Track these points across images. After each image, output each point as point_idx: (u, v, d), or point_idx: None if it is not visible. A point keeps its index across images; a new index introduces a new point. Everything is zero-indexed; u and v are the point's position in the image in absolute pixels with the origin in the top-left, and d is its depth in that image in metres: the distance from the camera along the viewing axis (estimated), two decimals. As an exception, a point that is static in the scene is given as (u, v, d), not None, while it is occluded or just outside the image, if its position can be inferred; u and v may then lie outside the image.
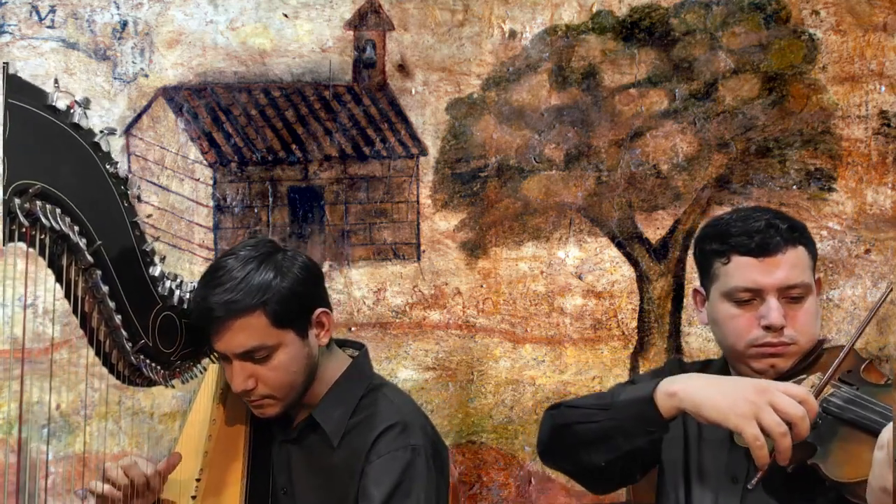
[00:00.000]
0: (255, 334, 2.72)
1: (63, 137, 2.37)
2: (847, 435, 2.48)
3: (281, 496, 2.89)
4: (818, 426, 2.51)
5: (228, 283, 2.70)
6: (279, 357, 2.75)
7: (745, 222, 2.71)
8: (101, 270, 2.49)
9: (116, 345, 2.60)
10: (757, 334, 2.67)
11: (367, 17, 3.82)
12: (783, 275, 2.66)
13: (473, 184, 3.81)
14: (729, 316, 2.71)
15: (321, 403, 2.86)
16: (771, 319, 2.64)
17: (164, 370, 2.75)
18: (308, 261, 2.84)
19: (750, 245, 2.67)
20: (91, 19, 3.79)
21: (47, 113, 2.33)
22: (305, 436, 2.88)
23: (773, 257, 2.66)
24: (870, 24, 3.74)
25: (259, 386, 2.77)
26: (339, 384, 2.89)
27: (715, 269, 2.74)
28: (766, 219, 2.70)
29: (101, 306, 2.53)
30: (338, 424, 2.84)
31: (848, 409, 2.51)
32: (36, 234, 2.31)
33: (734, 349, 2.73)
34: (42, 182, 2.29)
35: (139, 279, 2.62)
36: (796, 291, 2.68)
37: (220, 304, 2.69)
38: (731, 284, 2.69)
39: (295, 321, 2.76)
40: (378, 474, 2.76)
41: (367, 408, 2.87)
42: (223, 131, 3.80)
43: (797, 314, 2.68)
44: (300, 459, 2.89)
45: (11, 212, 2.23)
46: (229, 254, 2.79)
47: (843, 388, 2.57)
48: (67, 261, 2.42)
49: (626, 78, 3.80)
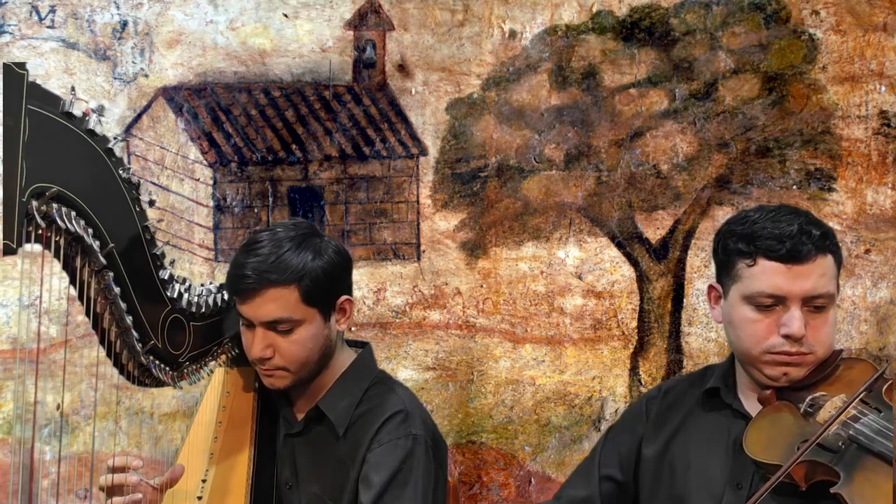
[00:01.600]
0: (284, 306, 2.78)
1: (78, 143, 2.40)
2: (873, 466, 2.42)
3: (285, 491, 2.92)
4: (841, 451, 2.46)
5: (269, 254, 2.78)
6: (301, 332, 2.81)
7: (775, 224, 2.60)
8: (113, 272, 2.51)
9: (127, 345, 2.62)
10: (775, 342, 2.59)
11: (367, 17, 3.82)
12: (810, 284, 2.57)
13: (473, 184, 3.82)
14: (748, 320, 2.63)
15: (327, 394, 2.91)
16: (793, 329, 2.57)
17: (172, 371, 2.78)
18: (342, 248, 2.91)
19: (780, 250, 2.57)
20: (91, 19, 3.78)
21: (64, 119, 2.35)
22: (311, 428, 2.92)
23: (802, 265, 2.57)
24: (870, 24, 3.75)
25: (276, 357, 2.82)
26: (345, 376, 2.94)
27: (738, 269, 2.64)
28: (798, 223, 2.60)
29: (112, 307, 2.55)
30: (343, 414, 2.88)
31: (877, 440, 2.44)
32: (51, 236, 2.34)
33: (749, 353, 2.65)
34: (58, 185, 2.31)
35: (150, 281, 2.64)
36: (820, 301, 2.59)
37: (257, 272, 2.76)
38: (755, 288, 2.60)
39: (323, 302, 2.83)
40: (378, 461, 2.81)
41: (371, 400, 2.92)
42: (223, 131, 3.80)
43: (818, 324, 2.60)
44: (305, 452, 2.92)
45: (29, 214, 2.25)
46: (268, 229, 2.86)
47: (869, 416, 2.49)
48: (81, 262, 2.44)
49: (626, 78, 3.81)
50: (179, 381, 2.83)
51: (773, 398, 2.63)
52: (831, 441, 2.49)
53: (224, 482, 2.85)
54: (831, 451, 2.48)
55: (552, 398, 3.80)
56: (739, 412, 2.71)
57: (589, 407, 3.81)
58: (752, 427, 2.61)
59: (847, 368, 2.62)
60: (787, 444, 2.52)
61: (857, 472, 2.43)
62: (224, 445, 2.91)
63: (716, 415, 2.76)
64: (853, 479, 2.42)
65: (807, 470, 2.49)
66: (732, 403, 2.73)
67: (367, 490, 2.79)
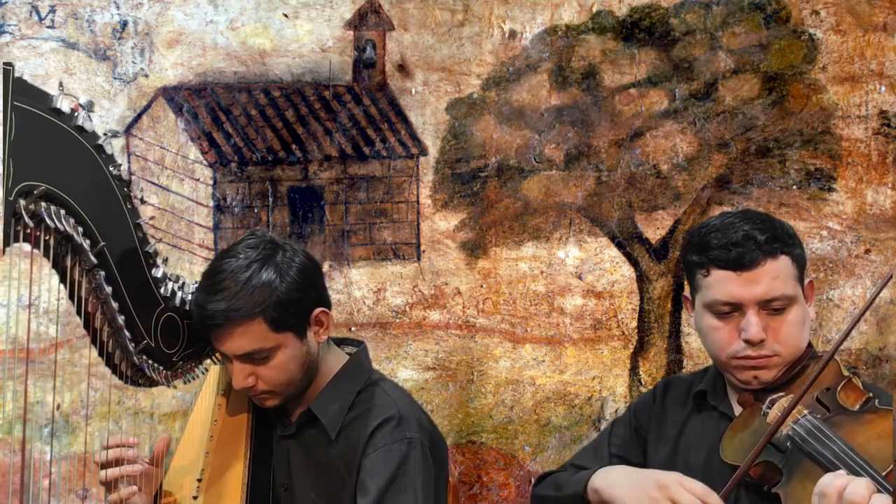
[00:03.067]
0: (254, 339, 2.75)
1: (67, 140, 2.37)
2: (807, 469, 2.45)
3: (281, 493, 2.92)
4: (787, 451, 2.50)
5: (227, 289, 2.72)
6: (278, 357, 2.79)
7: (724, 233, 2.65)
8: (104, 271, 2.49)
9: (119, 345, 2.61)
10: (737, 347, 2.65)
11: (367, 17, 3.82)
12: (762, 289, 2.62)
13: (473, 184, 3.81)
14: (711, 327, 2.69)
15: (318, 398, 2.90)
16: (750, 334, 2.62)
17: (166, 370, 2.77)
18: (307, 260, 2.85)
19: (728, 258, 2.63)
20: (91, 19, 3.78)
21: (52, 115, 2.32)
22: (303, 430, 2.91)
23: (751, 271, 2.61)
24: (870, 24, 3.74)
25: (259, 383, 2.80)
26: (336, 379, 2.92)
27: (697, 279, 2.71)
28: (745, 230, 2.64)
29: (104, 307, 2.53)
30: (335, 418, 2.87)
31: (808, 441, 2.48)
32: (40, 235, 2.31)
33: (718, 359, 2.73)
34: (46, 183, 2.29)
35: (142, 280, 2.63)
36: (777, 303, 2.63)
37: (219, 311, 2.71)
38: (711, 297, 2.67)
39: (293, 324, 2.79)
40: (374, 467, 2.80)
41: (364, 402, 2.91)
42: (223, 131, 3.80)
43: (779, 326, 2.64)
44: (299, 455, 2.92)
45: (16, 213, 2.22)
46: (228, 255, 2.80)
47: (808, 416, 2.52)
48: (71, 261, 2.42)
49: (626, 78, 3.80)
50: (173, 380, 2.82)
51: (750, 400, 2.68)
52: (781, 441, 2.53)
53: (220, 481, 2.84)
54: (781, 452, 2.51)
55: (552, 398, 3.80)
56: (726, 414, 2.77)
57: (589, 407, 3.80)
58: (728, 430, 2.67)
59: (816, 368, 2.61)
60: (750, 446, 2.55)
61: (796, 473, 2.47)
62: (220, 444, 2.90)
63: (706, 416, 2.82)
64: (791, 480, 2.47)
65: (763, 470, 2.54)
66: (719, 406, 2.79)
67: (363, 497, 2.78)
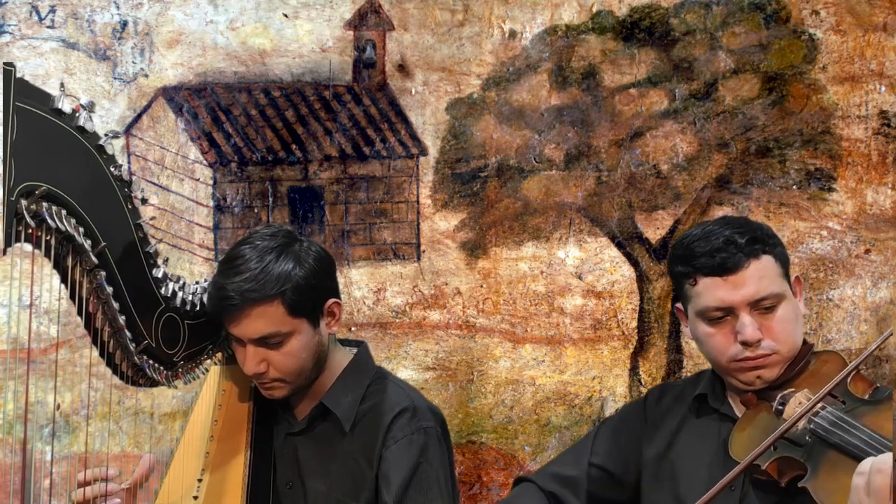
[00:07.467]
0: (271, 322, 2.78)
1: (68, 140, 2.37)
2: (835, 459, 2.48)
3: (286, 491, 2.93)
4: (808, 444, 2.53)
5: (248, 272, 2.76)
6: (292, 343, 2.82)
7: (705, 241, 2.71)
8: (105, 271, 2.49)
9: (120, 345, 2.61)
10: (735, 350, 2.69)
11: (367, 17, 3.82)
12: (751, 290, 2.67)
13: (473, 184, 3.82)
14: (707, 334, 2.74)
15: (330, 391, 2.93)
16: (746, 335, 2.66)
17: (166, 371, 2.77)
18: (323, 251, 2.90)
19: (712, 265, 2.68)
20: (91, 19, 3.78)
21: (53, 116, 2.32)
22: (315, 425, 2.94)
23: (737, 274, 2.67)
24: (870, 24, 3.75)
25: (270, 370, 2.84)
26: (346, 373, 2.96)
27: (686, 290, 2.76)
28: (725, 235, 2.70)
29: (105, 307, 2.53)
30: (349, 410, 2.91)
31: (834, 432, 2.52)
32: (41, 236, 2.31)
33: (718, 364, 2.77)
34: (48, 184, 2.28)
35: (143, 280, 2.63)
36: (767, 302, 2.68)
37: (238, 292, 2.75)
38: (702, 305, 2.71)
39: (309, 310, 2.83)
40: (396, 459, 2.84)
41: (375, 395, 2.95)
42: (223, 131, 3.80)
43: (772, 324, 2.69)
44: (308, 450, 2.94)
45: (18, 213, 2.22)
46: (246, 242, 2.84)
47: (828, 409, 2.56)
48: (72, 262, 2.42)
49: (626, 78, 3.80)
50: (174, 380, 2.82)
51: (754, 399, 2.72)
52: (799, 436, 2.56)
53: (220, 481, 2.85)
54: (800, 446, 2.53)
55: (552, 398, 3.80)
56: (727, 416, 2.80)
57: (589, 407, 3.80)
58: (736, 429, 2.70)
59: (821, 363, 2.70)
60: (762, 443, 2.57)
61: (822, 465, 2.49)
62: (220, 444, 2.91)
63: (706, 419, 2.85)
64: (818, 473, 2.49)
65: (780, 465, 2.56)
66: (720, 408, 2.83)
67: (388, 488, 2.82)
